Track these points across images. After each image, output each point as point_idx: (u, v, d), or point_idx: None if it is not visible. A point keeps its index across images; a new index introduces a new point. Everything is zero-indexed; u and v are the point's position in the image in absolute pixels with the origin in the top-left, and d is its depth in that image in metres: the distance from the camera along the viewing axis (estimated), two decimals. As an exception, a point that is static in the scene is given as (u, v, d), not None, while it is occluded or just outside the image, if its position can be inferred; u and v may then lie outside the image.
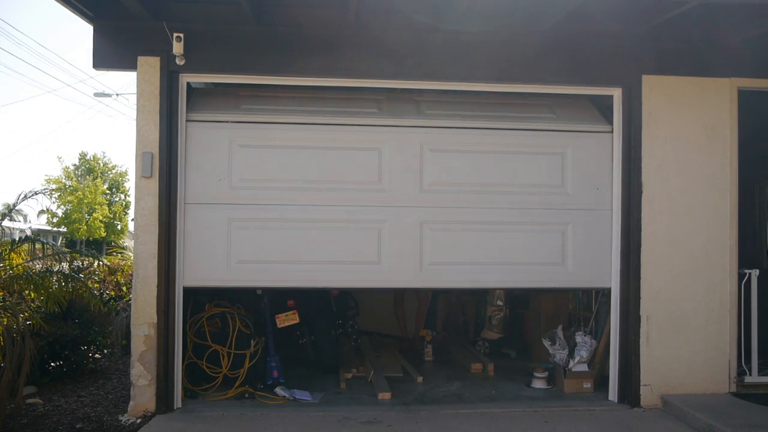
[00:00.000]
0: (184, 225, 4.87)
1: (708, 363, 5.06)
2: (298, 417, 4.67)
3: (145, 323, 4.72)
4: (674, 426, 4.56)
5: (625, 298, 5.07)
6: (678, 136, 5.09)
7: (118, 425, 4.58)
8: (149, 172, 4.73)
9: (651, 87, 5.07)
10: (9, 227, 6.29)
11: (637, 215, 5.03)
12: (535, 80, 5.08)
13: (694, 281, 5.07)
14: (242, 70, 4.91)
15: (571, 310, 6.46)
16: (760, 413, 4.56)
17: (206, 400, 5.05)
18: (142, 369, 4.71)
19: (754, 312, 5.15)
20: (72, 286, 5.59)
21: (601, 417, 4.77)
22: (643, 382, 5.00)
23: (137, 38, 4.79)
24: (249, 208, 4.98)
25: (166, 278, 4.74)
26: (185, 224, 4.87)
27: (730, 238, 5.11)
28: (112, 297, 7.74)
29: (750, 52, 5.11)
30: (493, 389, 5.52)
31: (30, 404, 5.02)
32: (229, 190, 4.96)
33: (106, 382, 5.90)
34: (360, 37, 4.90)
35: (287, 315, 5.61)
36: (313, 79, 4.98)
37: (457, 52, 4.96)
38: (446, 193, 5.13)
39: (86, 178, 29.80)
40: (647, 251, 5.02)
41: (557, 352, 5.50)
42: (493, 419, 4.63)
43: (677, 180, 5.08)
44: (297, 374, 5.77)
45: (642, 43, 5.06)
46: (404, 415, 4.76)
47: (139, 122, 4.78)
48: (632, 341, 5.02)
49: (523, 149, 5.20)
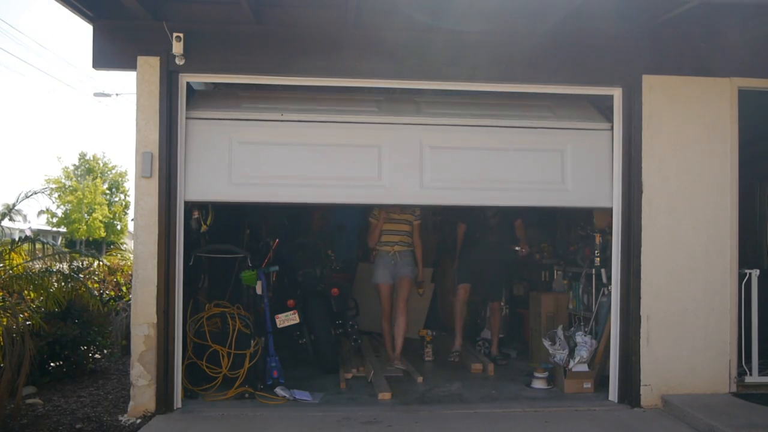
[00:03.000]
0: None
1: (708, 363, 5.05)
2: (298, 417, 4.67)
3: (145, 323, 4.72)
4: (674, 426, 4.55)
5: (625, 298, 5.06)
6: (678, 136, 5.09)
7: (118, 425, 4.57)
8: (149, 172, 4.73)
9: (651, 87, 5.06)
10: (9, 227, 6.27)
11: (637, 215, 5.03)
12: (535, 80, 5.08)
13: (694, 281, 5.07)
14: (242, 70, 4.90)
15: (571, 310, 6.45)
16: (760, 413, 4.56)
17: (206, 400, 5.05)
18: (142, 369, 4.71)
19: (754, 312, 5.15)
20: (71, 286, 5.59)
21: (601, 417, 4.77)
22: (643, 382, 4.99)
23: (137, 38, 4.79)
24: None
25: (166, 278, 4.73)
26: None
27: (730, 238, 5.11)
28: (112, 297, 7.73)
29: (750, 52, 5.10)
30: (493, 389, 5.51)
31: (30, 404, 5.02)
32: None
33: (106, 382, 5.90)
34: (360, 37, 4.89)
35: (287, 315, 5.60)
36: (313, 79, 4.98)
37: (457, 52, 4.96)
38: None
39: (86, 178, 29.78)
40: (647, 251, 5.02)
41: (557, 352, 5.50)
42: (493, 419, 4.63)
43: (677, 180, 5.08)
44: (297, 374, 5.76)
45: (642, 42, 5.06)
46: (404, 415, 4.76)
47: (138, 122, 4.78)
48: (632, 341, 5.02)
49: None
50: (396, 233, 6.17)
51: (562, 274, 6.75)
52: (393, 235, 6.16)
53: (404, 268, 6.16)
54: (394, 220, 6.14)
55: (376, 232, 6.17)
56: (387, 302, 6.21)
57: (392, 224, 6.15)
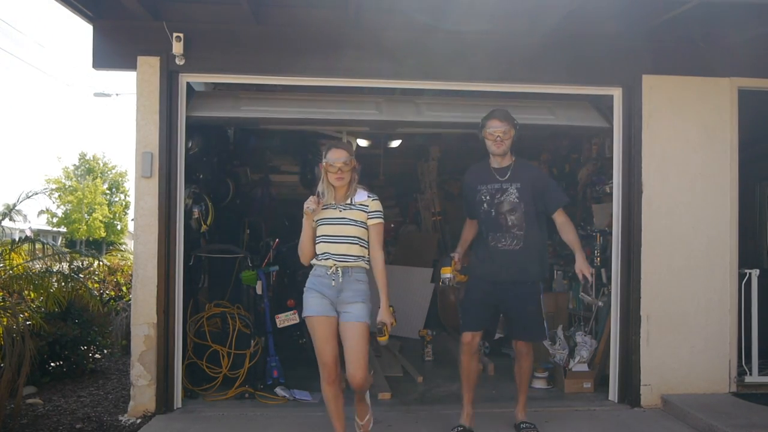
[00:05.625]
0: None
1: (708, 363, 5.05)
2: (298, 417, 4.67)
3: (145, 323, 4.72)
4: (674, 426, 4.56)
5: (625, 298, 5.06)
6: (678, 136, 5.09)
7: (118, 425, 4.57)
8: (149, 172, 4.73)
9: (651, 87, 5.06)
10: (9, 227, 6.27)
11: (638, 215, 5.03)
12: (535, 80, 5.08)
13: (694, 281, 5.07)
14: (242, 70, 4.90)
15: (571, 310, 6.45)
16: (760, 413, 4.56)
17: (206, 400, 5.05)
18: (142, 369, 4.71)
19: (754, 312, 5.15)
20: (72, 286, 5.59)
21: (601, 417, 4.77)
22: (643, 382, 4.99)
23: (137, 38, 4.79)
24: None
25: (166, 278, 4.73)
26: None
27: (730, 238, 5.11)
28: (112, 297, 7.74)
29: (750, 52, 5.10)
30: (493, 389, 5.52)
31: (30, 404, 5.02)
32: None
33: (106, 382, 5.90)
34: (360, 37, 4.89)
35: (287, 315, 5.60)
36: (312, 79, 4.98)
37: (457, 52, 4.95)
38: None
39: (86, 178, 29.79)
40: (647, 251, 5.02)
41: (557, 352, 5.50)
42: (493, 419, 4.63)
43: (677, 180, 5.08)
44: (297, 374, 5.76)
45: (642, 42, 5.06)
46: (404, 415, 4.76)
47: (138, 122, 4.78)
48: (632, 341, 5.02)
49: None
50: (339, 239, 3.64)
51: (562, 274, 6.75)
52: (334, 242, 3.65)
53: (352, 302, 3.62)
54: (334, 220, 3.66)
55: (306, 236, 3.71)
56: (327, 353, 3.69)
57: (332, 226, 3.66)
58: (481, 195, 4.16)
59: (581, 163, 6.64)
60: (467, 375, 4.36)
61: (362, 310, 3.62)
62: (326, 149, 3.71)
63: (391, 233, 9.12)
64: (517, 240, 4.08)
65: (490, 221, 4.12)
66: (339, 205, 3.69)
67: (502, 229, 4.09)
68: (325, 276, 3.65)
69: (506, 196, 4.09)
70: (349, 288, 3.62)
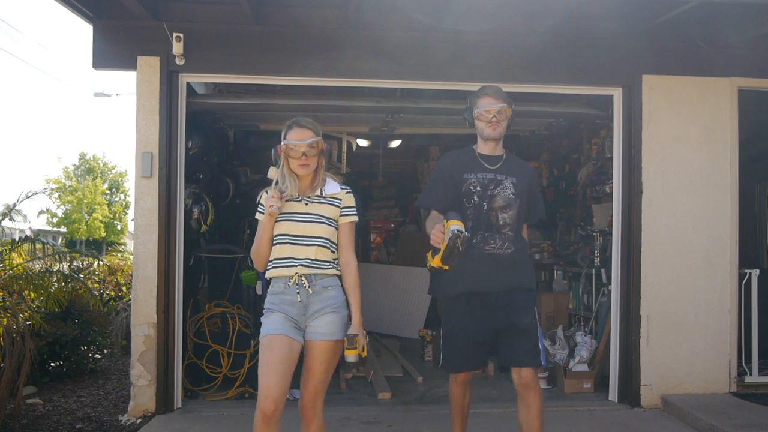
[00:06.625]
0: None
1: (708, 363, 5.05)
2: (298, 417, 4.66)
3: (145, 323, 4.72)
4: (674, 426, 4.56)
5: (625, 298, 5.07)
6: (678, 136, 5.09)
7: (118, 425, 4.57)
8: (149, 172, 4.73)
9: (651, 87, 5.07)
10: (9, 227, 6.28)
11: (638, 215, 5.03)
12: (535, 80, 5.07)
13: (694, 281, 5.07)
14: (242, 70, 4.90)
15: (571, 310, 6.46)
16: (760, 413, 4.56)
17: (206, 400, 5.05)
18: (142, 369, 4.71)
19: (754, 312, 5.15)
20: (72, 286, 5.59)
21: (601, 417, 4.77)
22: (643, 382, 4.99)
23: (137, 38, 4.79)
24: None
25: (166, 278, 4.73)
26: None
27: (730, 238, 5.11)
28: (112, 297, 7.73)
29: (750, 52, 5.11)
30: (493, 389, 5.52)
31: (30, 404, 5.02)
32: None
33: (106, 382, 5.90)
34: (360, 37, 4.90)
35: (287, 315, 5.59)
36: (312, 79, 4.97)
37: (457, 52, 4.96)
38: None
39: (86, 178, 29.79)
40: (647, 251, 5.02)
41: (557, 352, 5.50)
42: (493, 419, 4.63)
43: (677, 180, 5.08)
44: (297, 374, 5.74)
45: (642, 43, 5.06)
46: (404, 415, 4.76)
47: (138, 122, 4.78)
48: (632, 341, 5.02)
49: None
50: (306, 241, 2.89)
51: (562, 274, 6.76)
52: (299, 244, 2.88)
53: (320, 315, 2.90)
54: (300, 216, 2.91)
55: (263, 238, 2.92)
56: (272, 381, 2.84)
57: (296, 223, 2.90)
58: (470, 185, 3.30)
59: (581, 163, 6.65)
60: (460, 408, 3.53)
61: (333, 324, 2.87)
62: (285, 128, 2.92)
63: (391, 233, 9.13)
64: (508, 242, 3.28)
65: (480, 217, 3.27)
66: (305, 198, 2.91)
67: (492, 229, 3.26)
68: (286, 291, 2.86)
69: (500, 189, 3.30)
70: (317, 300, 2.87)
